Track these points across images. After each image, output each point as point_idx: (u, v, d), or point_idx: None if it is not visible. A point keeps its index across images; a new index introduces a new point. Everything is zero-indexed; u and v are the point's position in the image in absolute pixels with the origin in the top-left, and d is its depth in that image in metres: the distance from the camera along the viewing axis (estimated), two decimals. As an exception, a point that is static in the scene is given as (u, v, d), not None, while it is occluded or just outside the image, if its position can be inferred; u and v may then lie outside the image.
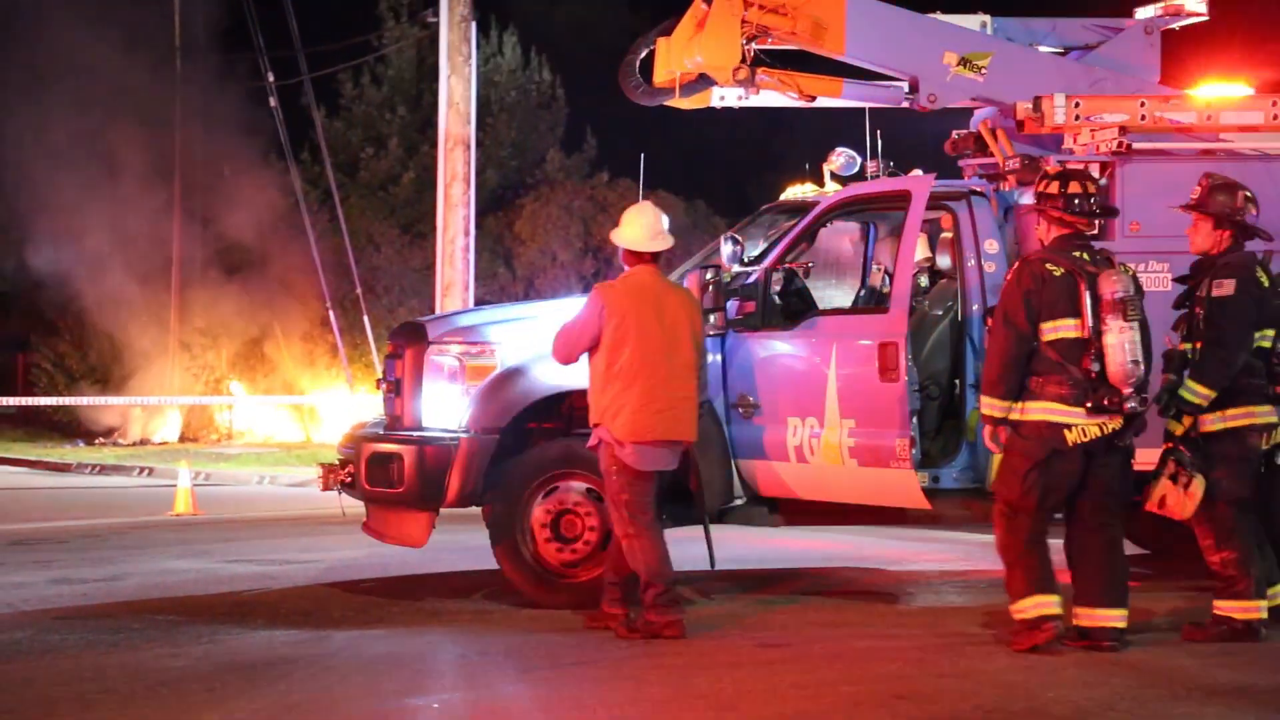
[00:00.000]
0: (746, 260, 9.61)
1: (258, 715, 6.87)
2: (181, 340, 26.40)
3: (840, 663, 7.86)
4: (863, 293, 10.74)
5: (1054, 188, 8.16)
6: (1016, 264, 8.25)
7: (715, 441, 9.48)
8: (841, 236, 10.87)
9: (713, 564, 9.50)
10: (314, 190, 25.90)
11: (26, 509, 11.91)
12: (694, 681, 7.45)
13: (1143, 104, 9.89)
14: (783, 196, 10.83)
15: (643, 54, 10.56)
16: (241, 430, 26.18)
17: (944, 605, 9.72)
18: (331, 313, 23.52)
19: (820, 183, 10.55)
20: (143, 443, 25.48)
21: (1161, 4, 10.64)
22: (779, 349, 9.50)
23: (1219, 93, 10.20)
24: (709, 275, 9.20)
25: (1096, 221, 8.23)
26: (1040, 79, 10.17)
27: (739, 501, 9.61)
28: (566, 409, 9.58)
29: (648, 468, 8.40)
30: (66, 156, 24.68)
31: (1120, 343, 7.76)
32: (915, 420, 9.15)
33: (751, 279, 9.46)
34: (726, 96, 10.47)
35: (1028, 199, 9.74)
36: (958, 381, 9.75)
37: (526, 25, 29.28)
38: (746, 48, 10.07)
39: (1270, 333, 8.34)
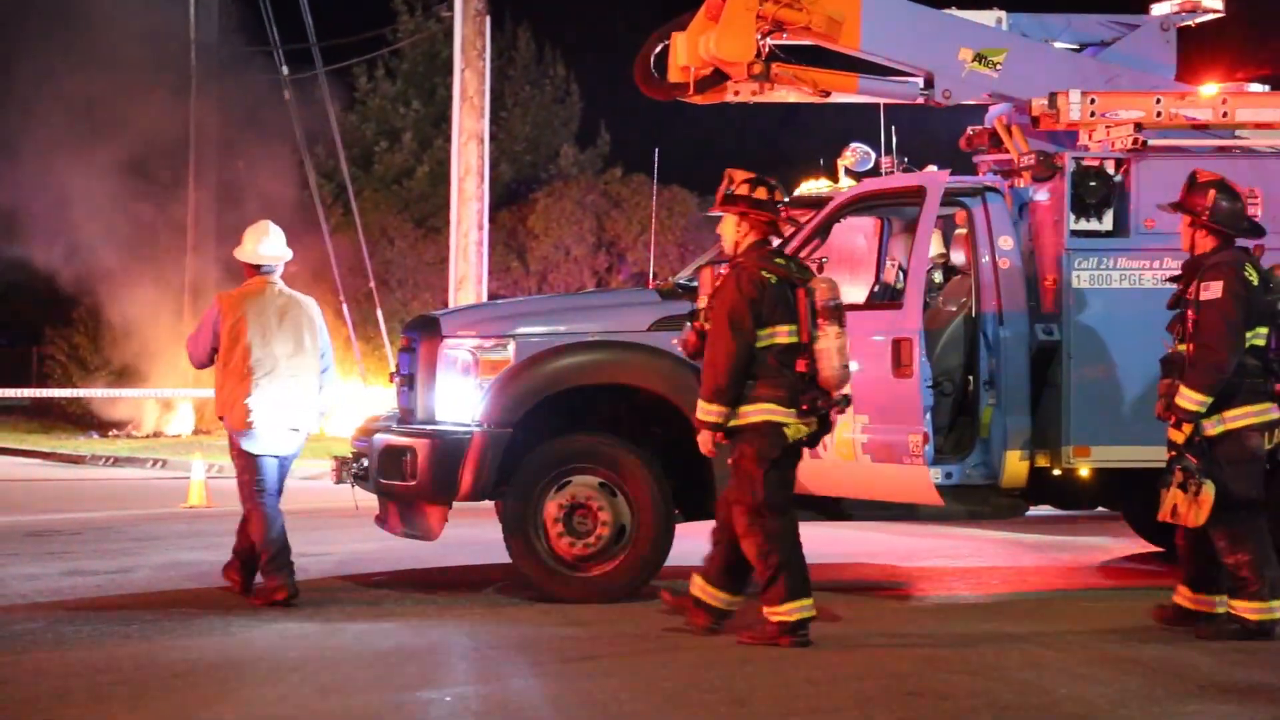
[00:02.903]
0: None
1: (270, 707, 6.88)
2: (195, 333, 26.41)
3: (852, 658, 7.86)
4: (877, 288, 10.72)
5: (762, 192, 8.18)
6: (730, 271, 8.17)
7: (728, 437, 9.46)
8: (855, 232, 10.86)
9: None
10: (328, 184, 25.92)
11: (40, 501, 11.94)
12: (706, 676, 7.45)
13: (1158, 100, 9.86)
14: (797, 192, 10.83)
15: (657, 49, 10.55)
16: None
17: (956, 602, 9.71)
18: (345, 306, 23.54)
19: (835, 178, 10.55)
20: (156, 435, 25.53)
21: (1177, 1, 10.61)
22: (792, 344, 9.48)
23: (1235, 89, 10.17)
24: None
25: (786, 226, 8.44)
26: (1055, 75, 10.15)
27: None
28: (581, 404, 9.59)
29: (260, 452, 9.27)
30: (81, 149, 24.72)
31: (834, 348, 7.97)
32: (929, 416, 9.15)
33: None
34: (741, 91, 10.44)
35: (1042, 196, 9.74)
36: (971, 378, 9.75)
37: (541, 19, 29.29)
38: (761, 43, 10.07)
39: (1263, 330, 8.26)
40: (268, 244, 9.63)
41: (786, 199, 8.33)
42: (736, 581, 8.25)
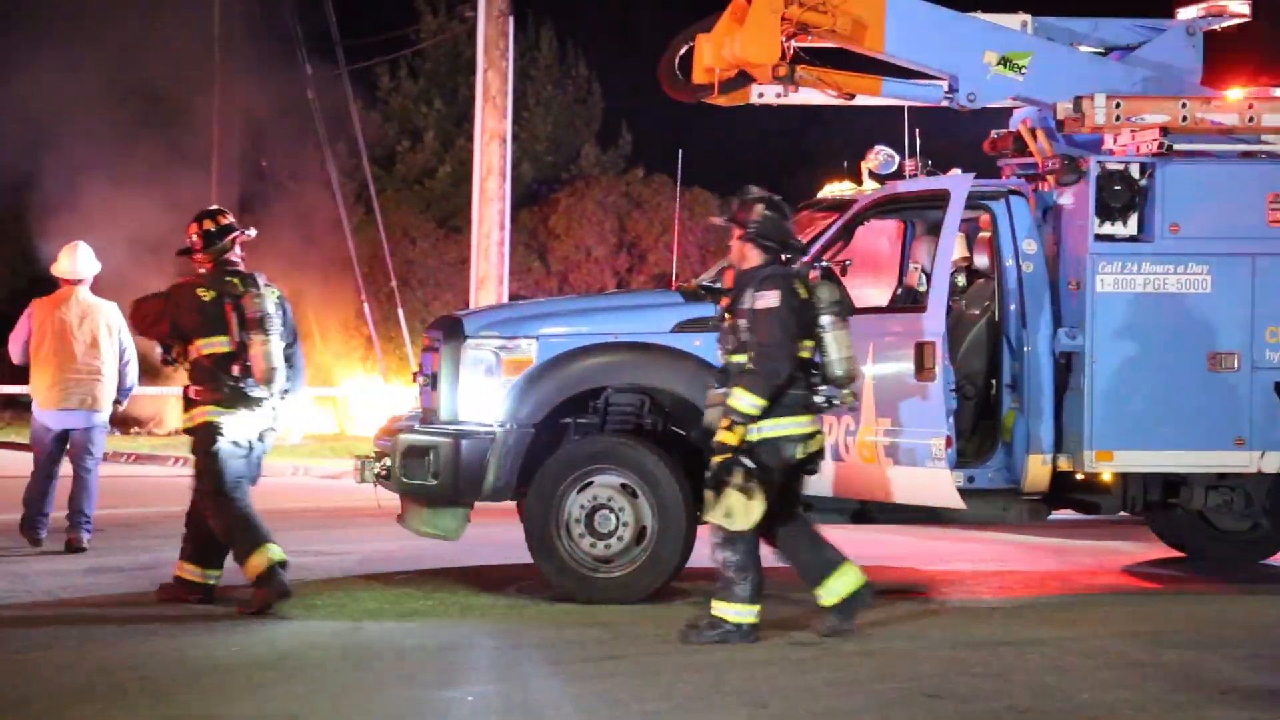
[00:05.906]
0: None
1: (292, 705, 6.90)
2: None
3: (873, 661, 7.86)
4: (899, 291, 10.73)
5: (208, 225, 9.40)
6: (173, 290, 9.31)
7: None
8: (879, 235, 10.87)
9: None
10: (350, 183, 25.96)
11: (62, 497, 11.99)
12: (727, 678, 7.46)
13: (1184, 105, 9.85)
14: (820, 194, 10.83)
15: (682, 50, 10.56)
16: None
17: (977, 605, 9.70)
18: (366, 305, 23.57)
19: (858, 181, 10.54)
20: (178, 433, 25.54)
21: (1204, 5, 10.59)
22: (815, 347, 9.48)
23: (1261, 95, 10.15)
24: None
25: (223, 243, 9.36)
26: (1081, 79, 10.14)
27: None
28: (603, 404, 9.61)
29: (57, 428, 11.59)
30: (106, 145, 24.79)
31: (261, 353, 9.04)
32: (951, 420, 9.14)
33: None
34: (765, 93, 10.46)
35: (1067, 200, 9.73)
36: (993, 381, 9.75)
37: (564, 19, 29.32)
38: (786, 45, 10.07)
39: (810, 343, 8.23)
40: (77, 261, 11.82)
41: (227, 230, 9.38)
42: (213, 557, 9.26)
